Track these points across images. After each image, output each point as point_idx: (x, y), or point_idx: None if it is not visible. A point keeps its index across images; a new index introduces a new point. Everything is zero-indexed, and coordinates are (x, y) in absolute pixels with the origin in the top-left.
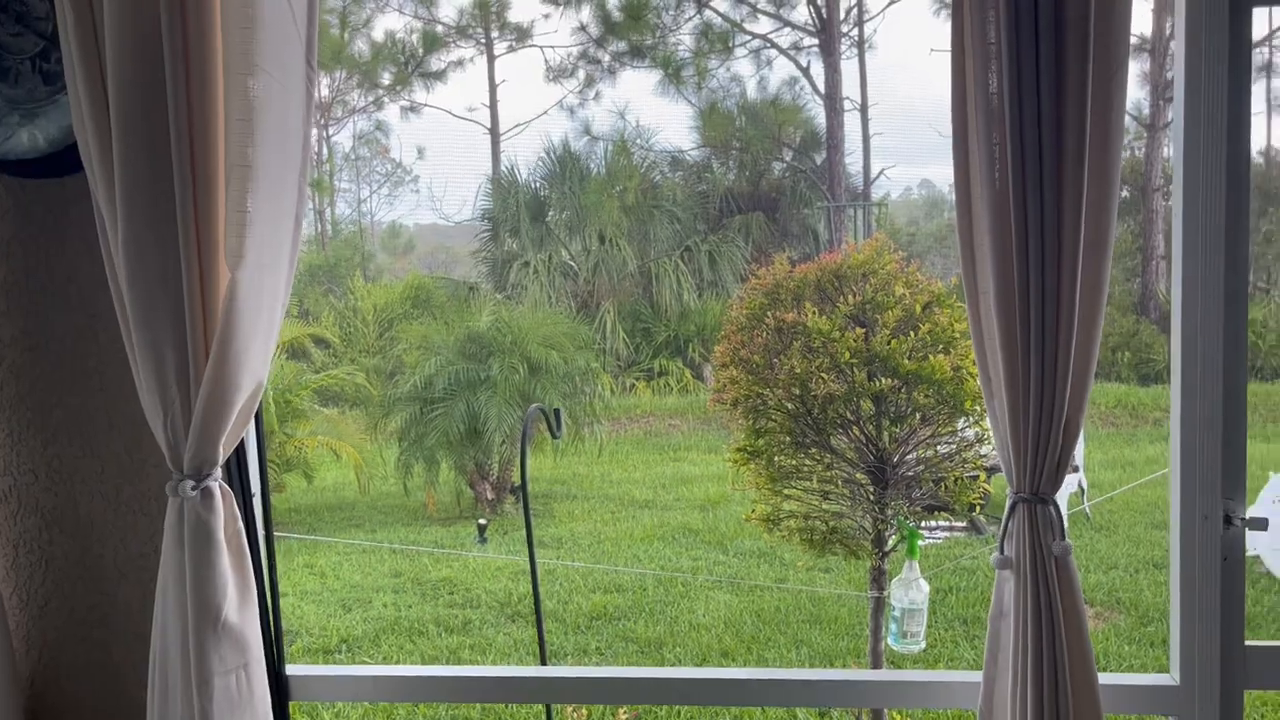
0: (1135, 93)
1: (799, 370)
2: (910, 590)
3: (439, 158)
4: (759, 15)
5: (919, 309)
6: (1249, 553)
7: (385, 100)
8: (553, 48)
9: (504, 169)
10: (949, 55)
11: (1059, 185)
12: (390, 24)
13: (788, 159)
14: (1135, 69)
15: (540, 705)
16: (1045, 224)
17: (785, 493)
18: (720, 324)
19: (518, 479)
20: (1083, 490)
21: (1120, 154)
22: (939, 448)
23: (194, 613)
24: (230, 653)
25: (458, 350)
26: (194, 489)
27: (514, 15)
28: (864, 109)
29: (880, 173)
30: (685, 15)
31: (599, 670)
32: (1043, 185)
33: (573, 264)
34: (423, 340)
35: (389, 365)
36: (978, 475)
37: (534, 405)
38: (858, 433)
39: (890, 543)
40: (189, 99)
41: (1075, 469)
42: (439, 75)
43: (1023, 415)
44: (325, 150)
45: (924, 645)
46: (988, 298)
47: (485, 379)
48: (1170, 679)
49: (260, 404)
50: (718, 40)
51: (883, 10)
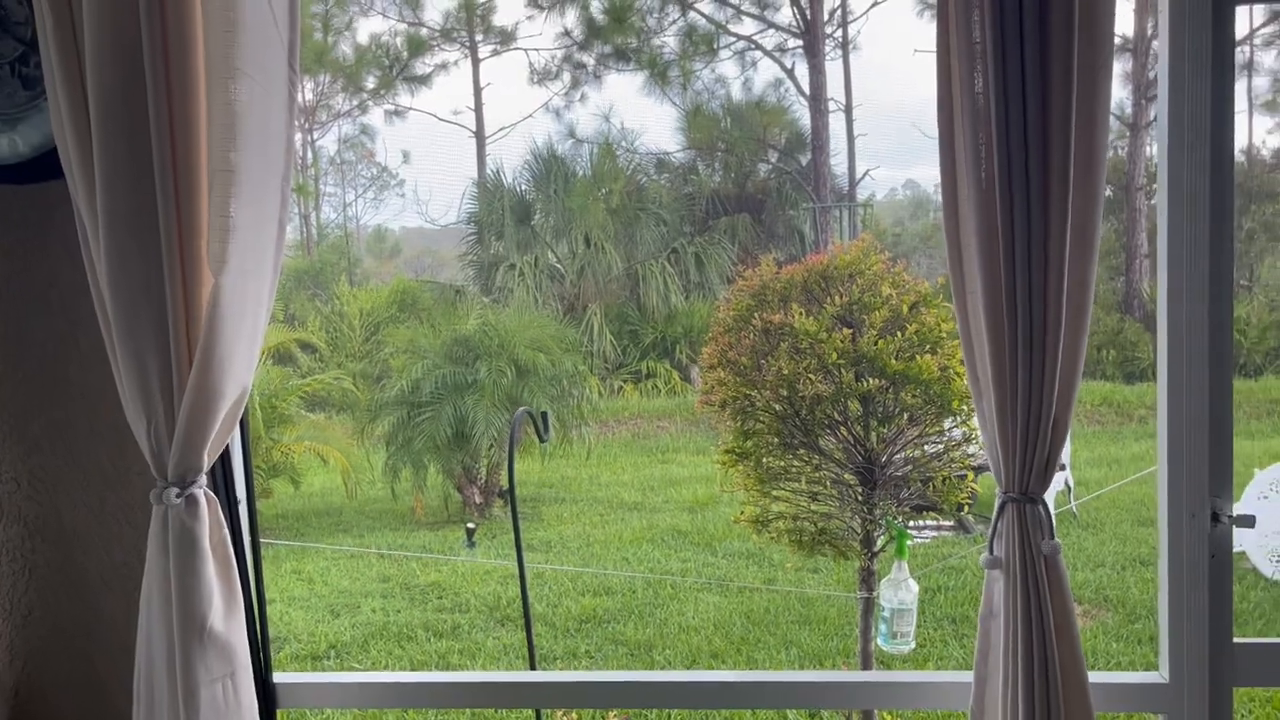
0: (1117, 92)
1: (786, 371)
2: (899, 590)
3: (424, 161)
4: (743, 17)
5: (906, 309)
6: (1234, 549)
7: (370, 104)
8: (537, 50)
9: (489, 172)
10: (933, 56)
11: (1045, 185)
12: (374, 27)
13: (773, 160)
14: (1117, 69)
15: (530, 710)
16: (1032, 223)
17: (774, 494)
18: (707, 326)
19: (505, 482)
20: (1069, 488)
21: (1106, 152)
22: (926, 448)
23: (179, 622)
24: (216, 662)
25: (444, 354)
26: (178, 497)
27: (498, 19)
28: (849, 110)
29: (865, 173)
30: (670, 18)
31: (588, 674)
32: (1029, 185)
33: (559, 267)
34: (409, 344)
35: (375, 370)
36: (965, 475)
37: (521, 408)
38: (845, 433)
39: (879, 543)
40: (170, 104)
41: (1062, 467)
42: (423, 79)
43: (1011, 415)
44: (310, 155)
45: (914, 645)
46: (975, 297)
47: (472, 382)
48: (1159, 677)
49: (246, 410)
50: (702, 42)
51: (866, 11)
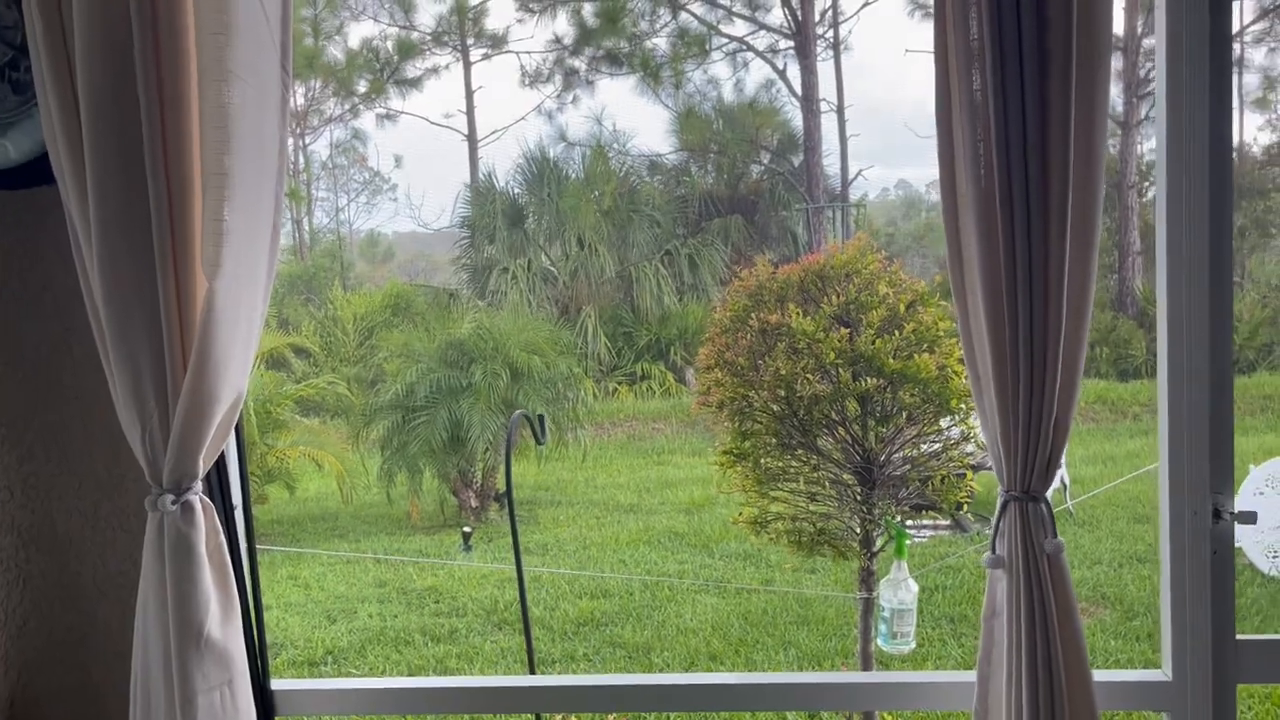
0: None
1: (784, 371)
2: (899, 590)
3: (417, 165)
4: (734, 18)
5: (903, 308)
6: None
7: (361, 108)
8: (529, 53)
9: (482, 176)
10: (925, 56)
11: (1045, 180)
12: (365, 32)
13: (765, 161)
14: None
15: (529, 715)
16: (1032, 219)
17: (772, 495)
18: (702, 327)
19: (502, 486)
20: (1065, 486)
21: (1104, 147)
22: (924, 447)
23: (176, 630)
24: (214, 669)
25: (439, 358)
26: (174, 503)
27: (490, 22)
28: (840, 110)
29: (858, 174)
30: (661, 20)
31: (587, 678)
32: (1028, 181)
33: (553, 269)
34: (403, 348)
35: (370, 374)
36: (964, 474)
37: (518, 411)
38: (844, 433)
39: (878, 543)
40: (162, 107)
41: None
42: (414, 82)
43: (1012, 413)
44: (302, 159)
45: (914, 645)
46: (975, 295)
47: (467, 386)
48: (1162, 674)
49: (240, 415)
50: (694, 43)
51: (857, 12)
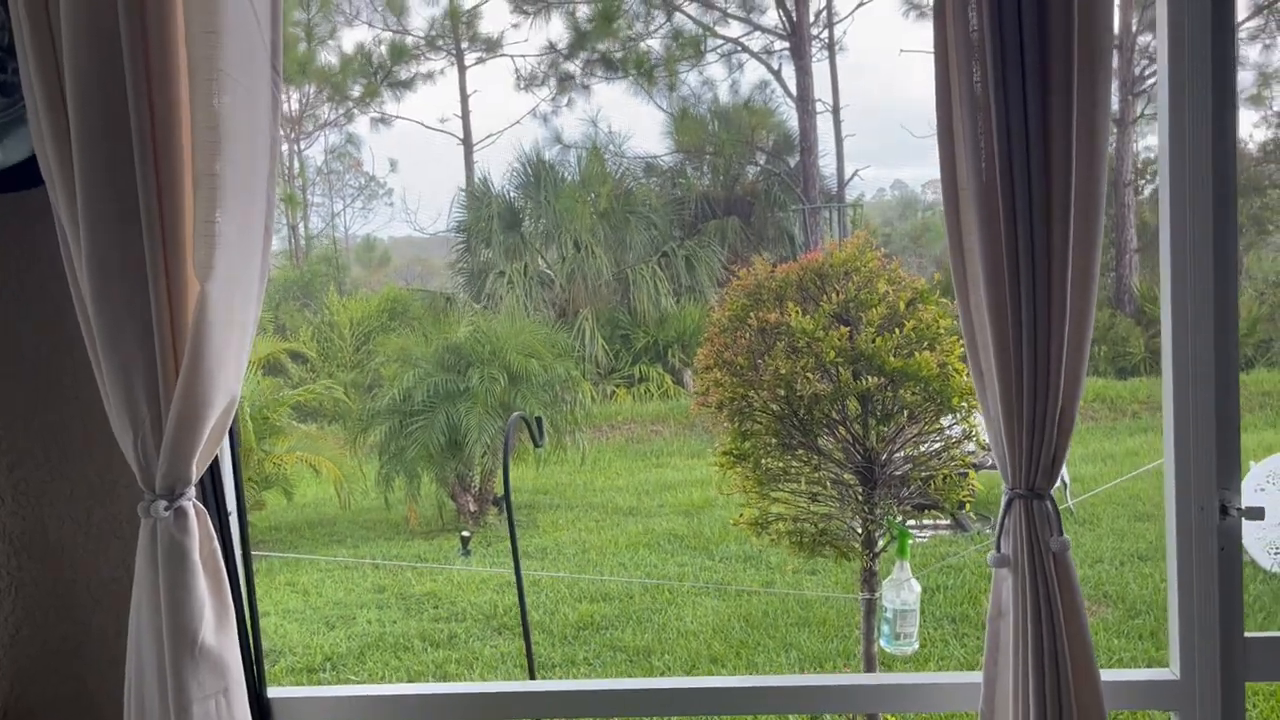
0: None
1: (783, 371)
2: (902, 591)
3: (412, 170)
4: (729, 20)
5: (903, 305)
6: None
7: (355, 112)
8: (524, 57)
9: (478, 179)
10: (920, 56)
11: (1047, 173)
12: (359, 36)
13: (761, 162)
14: None
15: None
16: (1034, 213)
17: (773, 495)
18: (700, 329)
19: (500, 490)
20: (1065, 485)
21: (1107, 139)
22: (925, 445)
23: (170, 637)
24: (209, 678)
25: (436, 362)
26: (167, 509)
27: (484, 26)
28: (836, 111)
29: (854, 174)
30: (656, 21)
31: (588, 683)
32: (1030, 174)
33: (549, 272)
34: (400, 353)
35: (367, 379)
36: (966, 473)
37: (515, 414)
38: (845, 432)
39: (880, 543)
40: (152, 109)
41: None
42: (407, 83)
43: (1016, 409)
44: (297, 164)
45: (917, 646)
46: (977, 288)
47: (464, 390)
48: (1170, 673)
49: (235, 420)
50: (689, 45)
51: (852, 12)
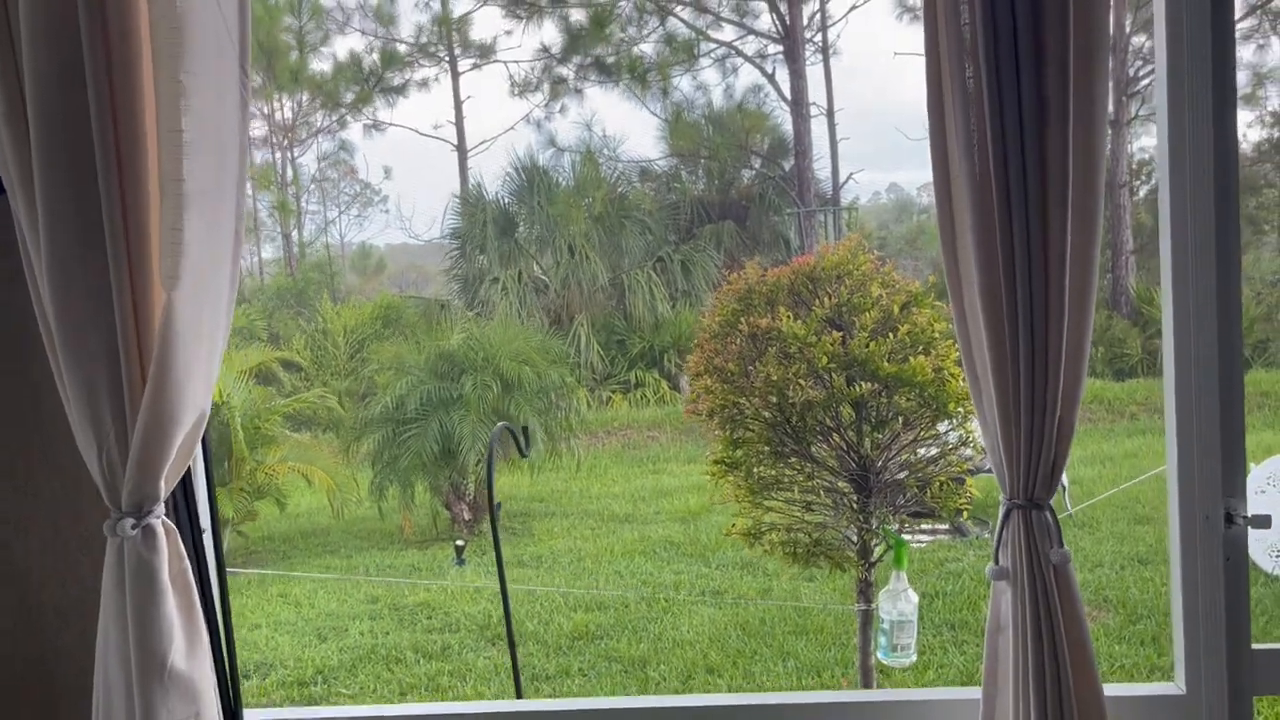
0: None
1: (775, 377)
2: (899, 601)
3: (406, 177)
4: (722, 24)
5: (897, 309)
6: None
7: (348, 119)
8: (517, 63)
9: (471, 186)
10: (914, 58)
11: (1043, 170)
12: (352, 44)
13: (756, 166)
14: None
15: None
16: (1030, 212)
17: (766, 505)
18: (695, 334)
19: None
20: (1064, 488)
21: (1105, 134)
22: (921, 452)
23: (138, 661)
24: (179, 703)
25: (429, 369)
26: (134, 527)
27: (476, 33)
28: (830, 114)
29: (849, 177)
30: (649, 26)
31: (579, 702)
32: (1025, 171)
33: (544, 278)
34: (394, 360)
35: (361, 387)
36: (964, 480)
37: (500, 424)
38: (839, 440)
39: (876, 553)
40: (115, 112)
41: None
42: (401, 90)
43: (1014, 415)
44: (291, 172)
45: (915, 658)
46: (972, 291)
47: (458, 397)
48: (1176, 688)
49: (207, 434)
50: (682, 49)
51: (845, 15)
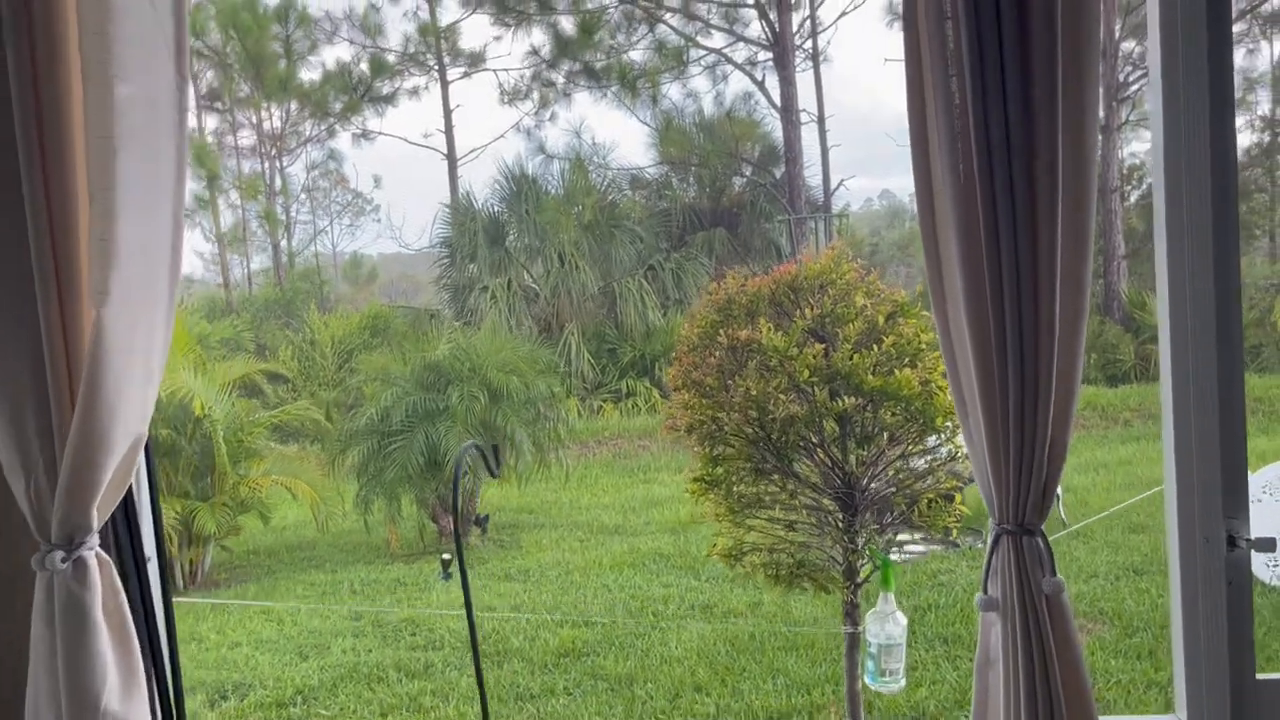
0: None
1: (755, 392)
2: (887, 624)
3: (396, 186)
4: (712, 31)
5: (882, 320)
6: None
7: (338, 128)
8: (506, 70)
9: (461, 194)
10: (904, 65)
11: (1030, 173)
12: (340, 54)
13: (747, 173)
14: None
15: None
16: (1018, 220)
17: (748, 524)
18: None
19: (482, 509)
20: (1057, 498)
21: (1096, 134)
22: (911, 460)
23: (69, 704)
24: None
25: (415, 380)
26: (64, 561)
27: (465, 41)
28: (821, 121)
29: (840, 184)
30: (638, 33)
31: None
32: (1012, 175)
33: (535, 286)
34: (381, 371)
35: (350, 398)
36: (953, 497)
37: (467, 443)
38: (823, 456)
39: (863, 573)
40: (40, 115)
41: None
42: (390, 99)
43: (1002, 435)
44: (279, 181)
45: (904, 683)
46: (957, 305)
47: (444, 409)
48: (1176, 719)
49: (150, 458)
50: (671, 56)
51: (835, 21)
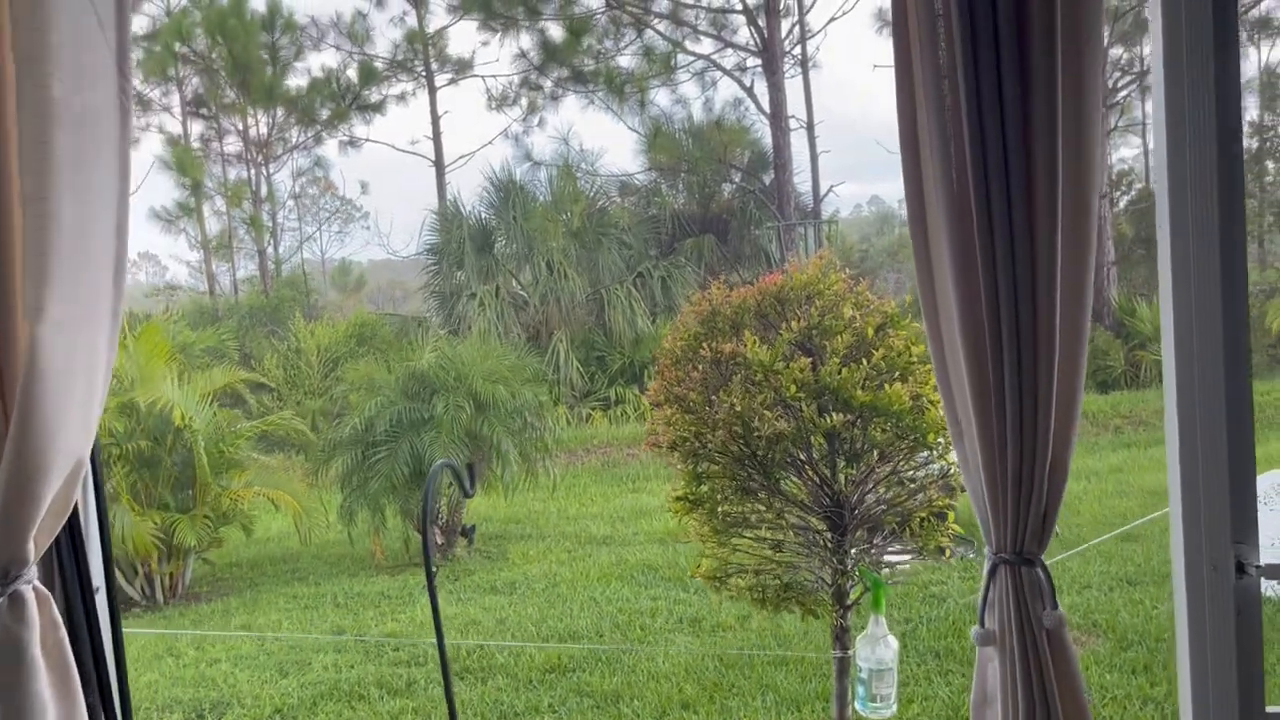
0: None
1: (740, 408)
2: (878, 648)
3: (384, 192)
4: (700, 37)
5: (871, 332)
6: None
7: (324, 135)
8: (494, 77)
9: (449, 201)
10: (894, 70)
11: (1028, 176)
12: (327, 60)
13: (736, 180)
14: None
15: None
16: (1015, 227)
17: (733, 544)
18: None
19: (468, 520)
20: None
21: (1098, 133)
22: (905, 474)
23: None
24: None
25: (400, 390)
26: None
27: (453, 47)
28: (810, 127)
29: (829, 190)
30: (626, 38)
31: None
32: (1008, 179)
33: (523, 293)
34: (367, 380)
35: (336, 407)
36: (945, 515)
37: (440, 461)
38: (811, 474)
39: (852, 595)
40: None
41: None
42: (378, 107)
43: (999, 457)
44: (265, 189)
45: (895, 709)
46: (950, 318)
47: (429, 419)
48: None
49: (100, 482)
50: (659, 62)
51: (824, 27)
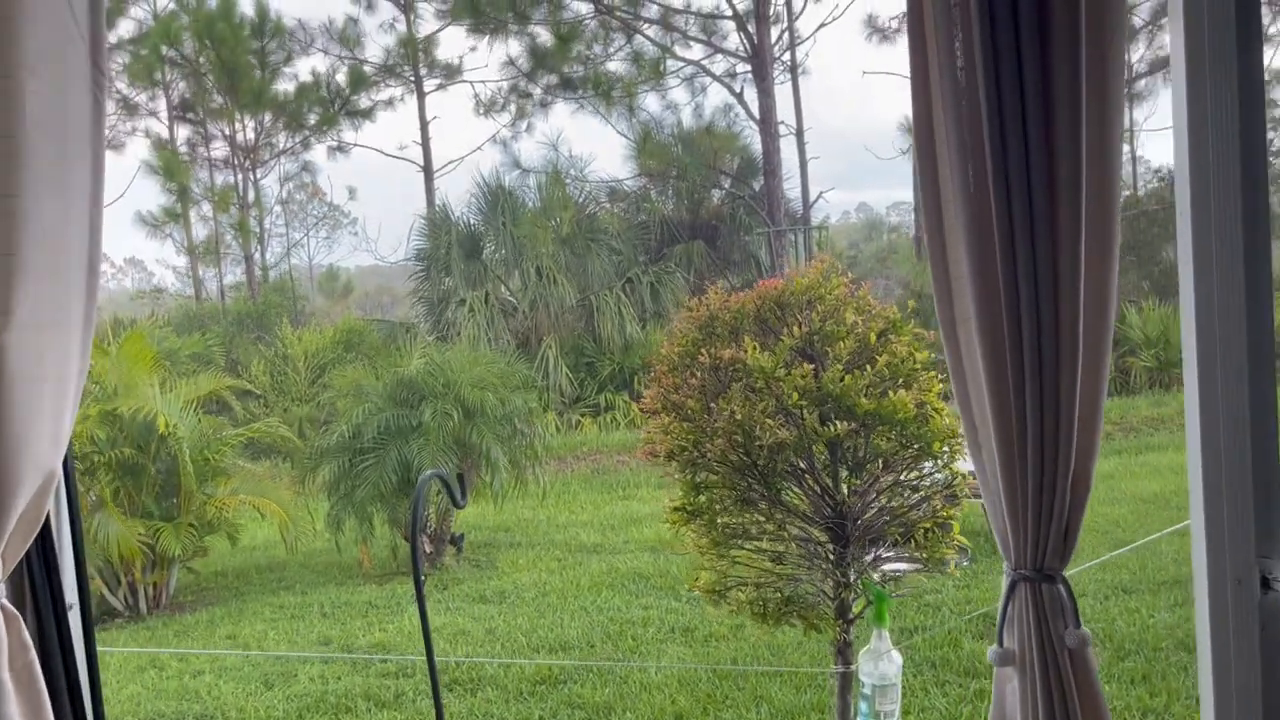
0: None
1: (740, 416)
2: (881, 663)
3: (372, 198)
4: (690, 42)
5: (873, 338)
6: None
7: (312, 140)
8: (483, 82)
9: (438, 207)
10: (883, 79)
11: (1050, 181)
12: (316, 65)
13: (726, 186)
14: None
15: None
16: (1036, 233)
17: (733, 555)
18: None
19: (457, 528)
20: None
21: (1120, 133)
22: (910, 481)
23: None
24: None
25: (388, 396)
26: None
27: (442, 52)
28: (799, 133)
29: (819, 196)
30: (615, 44)
31: None
32: (1030, 184)
33: (512, 299)
34: (354, 387)
35: (323, 414)
36: (950, 526)
37: (429, 471)
38: (812, 484)
39: (855, 609)
40: None
41: None
42: (367, 113)
43: (1019, 469)
44: (253, 194)
45: None
46: (968, 328)
47: (417, 426)
48: None
49: (74, 497)
50: (648, 68)
51: (813, 33)
